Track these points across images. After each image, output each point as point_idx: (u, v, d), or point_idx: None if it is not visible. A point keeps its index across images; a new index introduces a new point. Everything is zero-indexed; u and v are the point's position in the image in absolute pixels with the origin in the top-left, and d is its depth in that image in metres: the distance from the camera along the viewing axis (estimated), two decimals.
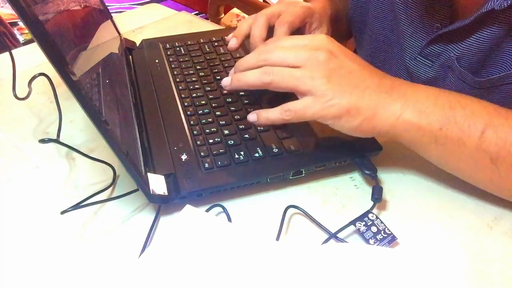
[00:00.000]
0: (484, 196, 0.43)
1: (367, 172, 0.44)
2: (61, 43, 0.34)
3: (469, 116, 0.38)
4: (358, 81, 0.40)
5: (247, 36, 0.53)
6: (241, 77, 0.41)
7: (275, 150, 0.45)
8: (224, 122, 0.49)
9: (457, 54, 0.52)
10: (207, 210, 0.42)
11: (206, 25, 0.81)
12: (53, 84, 0.49)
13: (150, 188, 0.39)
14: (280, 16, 0.52)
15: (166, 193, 0.40)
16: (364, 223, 0.39)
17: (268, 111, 0.41)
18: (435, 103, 0.39)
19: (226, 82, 0.43)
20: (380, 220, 0.40)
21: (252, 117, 0.42)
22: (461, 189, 0.44)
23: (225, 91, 0.54)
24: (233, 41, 0.53)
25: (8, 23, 1.39)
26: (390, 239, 0.38)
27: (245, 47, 0.63)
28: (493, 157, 0.38)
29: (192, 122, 0.49)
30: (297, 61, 0.40)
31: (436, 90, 0.41)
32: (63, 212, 0.39)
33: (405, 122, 0.39)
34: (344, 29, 0.73)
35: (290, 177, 0.44)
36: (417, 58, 0.58)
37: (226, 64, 0.60)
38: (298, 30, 0.56)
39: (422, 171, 0.46)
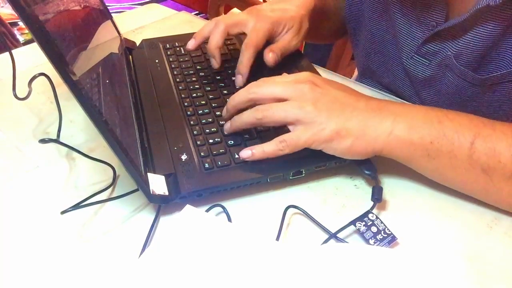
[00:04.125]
0: None
1: (367, 172, 0.44)
2: (61, 43, 0.34)
3: (457, 128, 0.40)
4: (344, 105, 0.42)
5: (206, 39, 0.56)
6: (237, 118, 0.44)
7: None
8: (224, 122, 0.49)
9: (454, 52, 0.52)
10: (207, 210, 0.42)
11: None
12: (53, 84, 0.49)
13: (150, 188, 0.39)
14: (246, 38, 0.55)
15: (166, 193, 0.40)
16: (364, 223, 0.39)
17: (263, 145, 0.42)
18: (424, 118, 0.41)
19: (226, 127, 0.47)
20: (380, 220, 0.40)
21: (245, 154, 0.42)
22: None
23: (225, 91, 0.54)
24: (191, 42, 0.57)
25: (8, 23, 1.39)
26: (390, 239, 0.38)
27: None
28: (484, 167, 0.39)
29: (192, 122, 0.49)
30: (284, 93, 0.42)
31: (423, 107, 0.42)
32: (63, 212, 0.39)
33: (397, 138, 0.40)
34: (336, 26, 0.73)
35: (290, 177, 0.44)
36: (414, 57, 0.58)
37: (226, 64, 0.60)
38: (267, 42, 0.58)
39: None
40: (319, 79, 0.44)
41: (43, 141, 0.40)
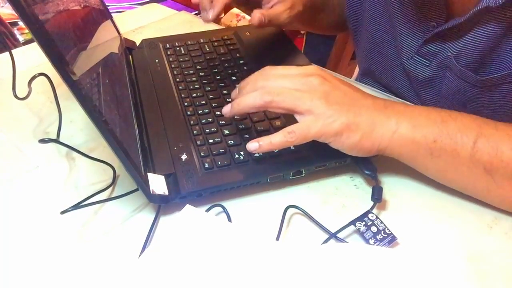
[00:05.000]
0: None
1: (367, 172, 0.44)
2: (61, 43, 0.34)
3: (460, 128, 0.40)
4: (353, 100, 0.42)
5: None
6: (241, 100, 0.42)
7: (275, 150, 0.45)
8: (224, 122, 0.49)
9: (454, 52, 0.52)
10: (207, 210, 0.42)
11: (206, 25, 0.80)
12: (53, 84, 0.49)
13: (150, 188, 0.39)
14: None
15: (166, 193, 0.40)
16: (364, 223, 0.39)
17: (270, 137, 0.41)
18: (427, 117, 0.41)
19: (226, 109, 0.44)
20: (380, 220, 0.40)
21: (252, 146, 0.41)
22: None
23: (225, 91, 0.54)
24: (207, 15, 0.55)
25: (8, 23, 1.38)
26: (390, 239, 0.38)
27: (245, 50, 0.63)
28: (487, 166, 0.39)
29: (192, 122, 0.49)
30: (293, 86, 0.41)
31: (427, 107, 0.43)
32: (63, 212, 0.39)
33: (401, 136, 0.41)
34: (335, 20, 0.74)
35: (290, 177, 0.44)
36: (414, 58, 0.58)
37: (226, 64, 0.60)
38: (255, 5, 0.58)
39: None
40: (327, 74, 0.43)
41: (43, 141, 0.40)
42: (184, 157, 0.45)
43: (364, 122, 0.40)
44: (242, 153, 0.45)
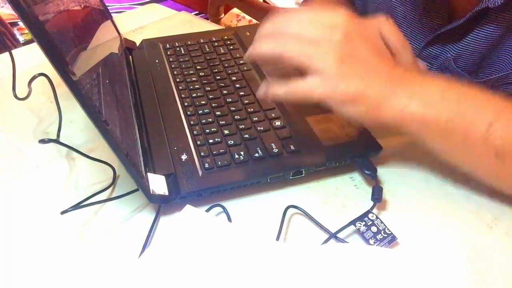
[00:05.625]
0: (484, 196, 0.43)
1: (367, 172, 0.44)
2: (61, 43, 0.34)
3: (476, 109, 0.38)
4: (369, 69, 0.38)
5: None
6: (257, 45, 0.40)
7: (275, 150, 0.45)
8: (224, 122, 0.49)
9: (454, 54, 0.52)
10: (207, 210, 0.42)
11: (206, 25, 0.81)
12: (53, 84, 0.49)
13: (150, 188, 0.39)
14: None
15: (166, 193, 0.40)
16: (364, 223, 0.39)
17: (274, 87, 0.39)
18: (442, 96, 0.38)
19: (246, 54, 0.41)
20: (380, 220, 0.40)
21: (261, 91, 0.40)
22: (461, 189, 0.44)
23: (225, 91, 0.54)
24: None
25: (8, 23, 1.38)
26: (390, 239, 0.38)
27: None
28: (499, 151, 0.37)
29: (192, 122, 0.49)
30: (312, 37, 0.38)
31: (444, 82, 0.39)
32: (63, 212, 0.39)
33: (411, 113, 0.38)
34: None
35: (290, 177, 0.44)
36: None
37: (226, 64, 0.60)
38: None
39: (422, 171, 0.46)
40: (354, 29, 0.39)
41: (43, 141, 0.40)
42: (184, 157, 0.45)
43: (373, 95, 0.38)
44: (242, 153, 0.45)
